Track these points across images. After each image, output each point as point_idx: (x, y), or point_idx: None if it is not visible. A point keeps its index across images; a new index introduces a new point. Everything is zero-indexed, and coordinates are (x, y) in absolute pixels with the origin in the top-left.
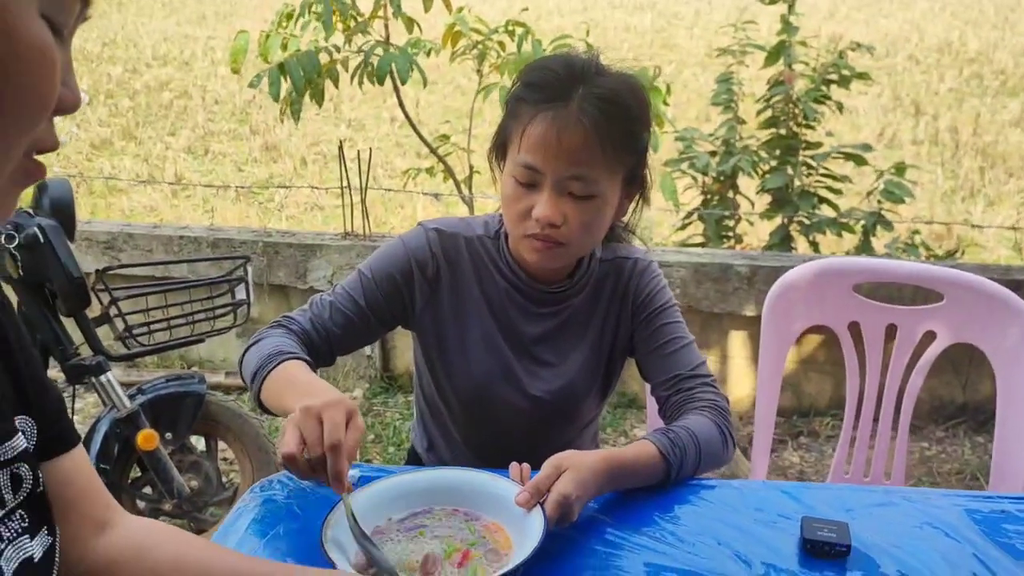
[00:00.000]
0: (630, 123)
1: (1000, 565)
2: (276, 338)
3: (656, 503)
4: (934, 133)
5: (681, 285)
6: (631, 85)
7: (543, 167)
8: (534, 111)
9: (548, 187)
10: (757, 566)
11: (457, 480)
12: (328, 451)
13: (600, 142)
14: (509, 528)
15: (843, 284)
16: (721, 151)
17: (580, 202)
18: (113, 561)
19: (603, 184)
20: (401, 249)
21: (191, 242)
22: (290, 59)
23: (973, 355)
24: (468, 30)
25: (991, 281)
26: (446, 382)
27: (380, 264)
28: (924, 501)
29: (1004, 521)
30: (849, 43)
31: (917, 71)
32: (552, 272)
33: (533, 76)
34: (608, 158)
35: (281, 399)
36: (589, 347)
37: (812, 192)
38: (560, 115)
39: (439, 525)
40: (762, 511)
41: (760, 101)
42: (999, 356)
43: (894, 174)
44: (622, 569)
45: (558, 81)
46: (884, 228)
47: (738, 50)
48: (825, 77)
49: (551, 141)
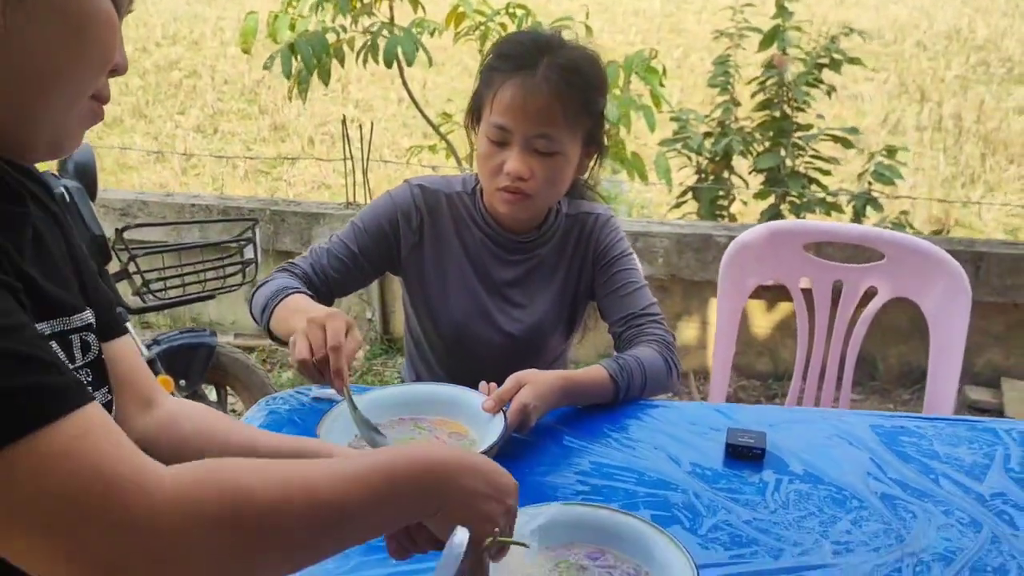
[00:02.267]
0: (588, 89)
1: (891, 466)
2: (281, 279)
3: (607, 418)
4: (938, 119)
5: (664, 255)
6: (589, 57)
7: (512, 127)
8: (504, 78)
9: (517, 145)
10: (686, 464)
11: (430, 393)
12: (330, 351)
13: (562, 105)
14: (474, 430)
15: (794, 244)
16: (716, 132)
17: (545, 158)
18: (153, 435)
19: (565, 142)
20: (389, 202)
21: (202, 210)
22: (300, 39)
23: None
24: (471, 11)
25: (925, 241)
26: (429, 322)
27: (371, 216)
28: (836, 419)
29: (901, 434)
30: (842, 28)
31: (924, 57)
32: (521, 222)
33: (504, 48)
34: (569, 119)
35: (287, 323)
36: (555, 290)
37: (803, 173)
38: (527, 82)
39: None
40: (696, 424)
41: (754, 83)
42: (930, 308)
43: (886, 156)
44: (573, 464)
45: (526, 52)
46: (874, 208)
47: (736, 33)
48: (817, 61)
49: (519, 104)
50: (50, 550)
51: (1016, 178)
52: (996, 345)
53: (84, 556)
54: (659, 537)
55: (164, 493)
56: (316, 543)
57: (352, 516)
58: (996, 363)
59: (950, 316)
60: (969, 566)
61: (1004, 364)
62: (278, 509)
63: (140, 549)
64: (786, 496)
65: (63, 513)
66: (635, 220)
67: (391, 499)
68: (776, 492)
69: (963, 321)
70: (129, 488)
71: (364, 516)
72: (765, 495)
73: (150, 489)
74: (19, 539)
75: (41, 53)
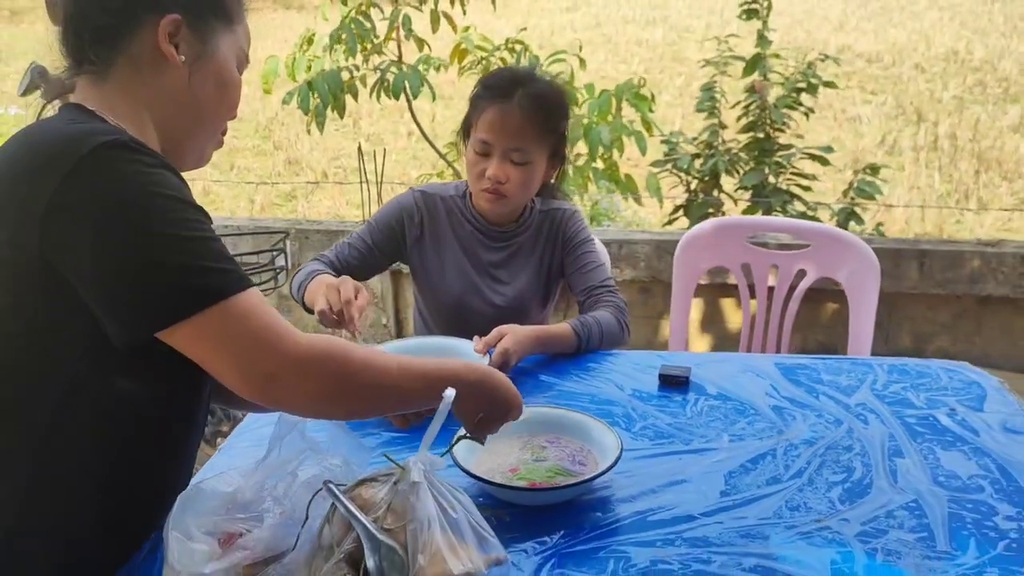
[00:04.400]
0: (552, 114)
1: (784, 388)
2: (311, 266)
3: (572, 363)
4: (934, 139)
5: (645, 259)
6: (556, 89)
7: (493, 141)
8: (487, 104)
9: (497, 156)
10: (628, 390)
11: (437, 342)
12: (344, 304)
13: (531, 125)
14: None
15: (737, 235)
16: (705, 153)
17: (518, 167)
18: None
19: (534, 154)
20: (397, 205)
21: (234, 229)
22: (317, 78)
23: (893, 311)
24: (473, 47)
25: (842, 230)
26: (432, 298)
27: (382, 216)
28: (750, 360)
29: (798, 368)
30: (818, 55)
31: (922, 80)
32: (501, 216)
33: (488, 81)
34: (537, 137)
35: (315, 294)
36: (532, 270)
37: (784, 189)
38: (505, 107)
39: None
40: (638, 365)
41: (738, 107)
42: (848, 284)
43: (869, 174)
44: (544, 392)
45: (505, 84)
46: (856, 222)
47: (721, 61)
48: (795, 86)
49: (498, 124)
50: (239, 365)
51: (1009, 194)
52: (944, 333)
53: (255, 370)
54: (597, 425)
55: (299, 344)
56: (385, 406)
57: (413, 401)
58: (945, 349)
59: (863, 289)
60: (826, 446)
61: (952, 350)
62: (370, 379)
63: (285, 368)
64: (701, 409)
65: (249, 346)
66: (619, 230)
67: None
68: (694, 406)
69: (874, 291)
70: (284, 336)
71: (422, 402)
72: (685, 408)
73: (295, 339)
74: (224, 358)
75: (204, 100)
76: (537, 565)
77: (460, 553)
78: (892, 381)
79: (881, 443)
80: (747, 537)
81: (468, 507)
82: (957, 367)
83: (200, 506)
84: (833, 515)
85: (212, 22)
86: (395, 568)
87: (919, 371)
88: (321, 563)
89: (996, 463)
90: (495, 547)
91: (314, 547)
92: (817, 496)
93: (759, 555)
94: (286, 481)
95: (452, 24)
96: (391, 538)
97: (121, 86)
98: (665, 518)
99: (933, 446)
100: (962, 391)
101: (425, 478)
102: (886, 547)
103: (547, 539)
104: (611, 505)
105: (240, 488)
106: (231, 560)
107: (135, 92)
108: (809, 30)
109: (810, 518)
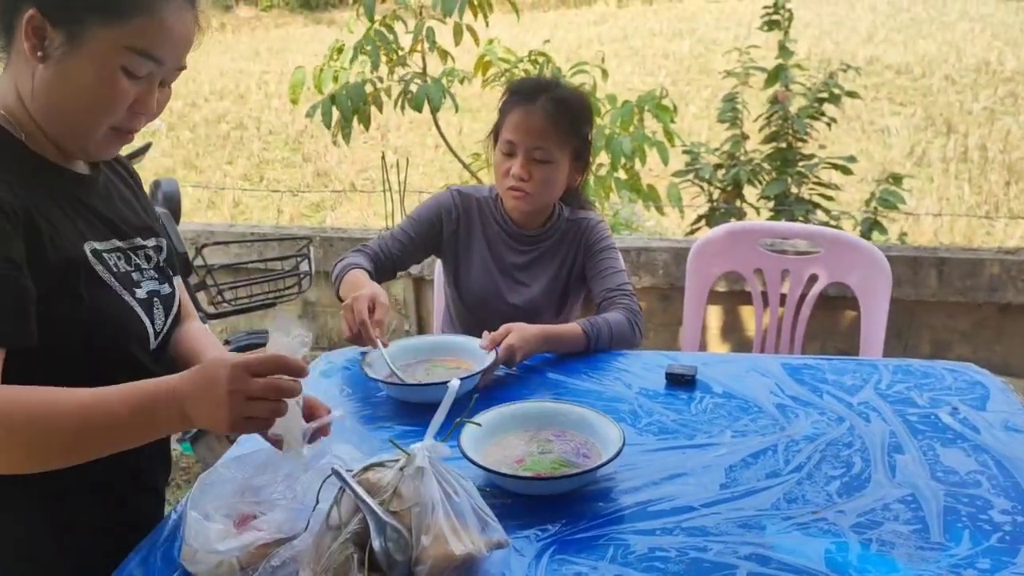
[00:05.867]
0: (574, 117)
1: (789, 387)
2: (353, 257)
3: (582, 362)
4: (963, 150)
5: (664, 266)
6: (578, 95)
7: (517, 142)
8: (513, 107)
9: (520, 155)
10: (635, 387)
11: (450, 340)
12: (360, 326)
13: (553, 126)
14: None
15: (749, 240)
16: (727, 163)
17: (541, 165)
18: (176, 338)
19: (556, 154)
20: (435, 203)
21: (260, 236)
22: (340, 91)
23: (913, 319)
24: (496, 59)
25: (853, 236)
26: (456, 293)
27: (423, 211)
28: (755, 360)
29: (803, 368)
30: (840, 65)
31: (952, 91)
32: (527, 216)
33: (515, 87)
34: (559, 138)
35: (346, 294)
36: (551, 275)
37: (807, 199)
38: (529, 109)
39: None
40: (647, 364)
41: (760, 119)
42: (859, 288)
43: (892, 183)
44: (552, 390)
45: (530, 90)
46: (879, 231)
47: (743, 72)
48: (817, 96)
49: (522, 125)
50: None
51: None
52: (964, 341)
53: None
54: (602, 420)
55: None
56: (72, 449)
57: (123, 431)
58: (965, 357)
59: (874, 292)
60: (826, 442)
61: (972, 358)
62: (41, 426)
63: None
64: (706, 406)
65: None
66: (636, 236)
67: (135, 423)
68: (699, 404)
69: (885, 295)
70: None
71: (138, 429)
72: (690, 406)
73: None
74: None
75: (75, 95)
76: (539, 551)
77: (462, 535)
78: (896, 381)
79: (882, 440)
80: (744, 527)
81: (471, 492)
82: (962, 367)
83: (218, 489)
84: (830, 507)
85: (85, 18)
86: (400, 548)
87: (924, 371)
88: (329, 542)
89: (995, 459)
90: (496, 531)
91: (323, 528)
92: (815, 489)
93: (755, 544)
94: (298, 469)
95: (475, 37)
96: (396, 520)
97: (11, 74)
98: (665, 509)
99: (933, 443)
100: (966, 391)
101: (430, 464)
102: (880, 538)
103: (549, 527)
104: (613, 496)
105: (254, 474)
106: (244, 540)
107: (21, 81)
108: (838, 42)
109: (807, 510)
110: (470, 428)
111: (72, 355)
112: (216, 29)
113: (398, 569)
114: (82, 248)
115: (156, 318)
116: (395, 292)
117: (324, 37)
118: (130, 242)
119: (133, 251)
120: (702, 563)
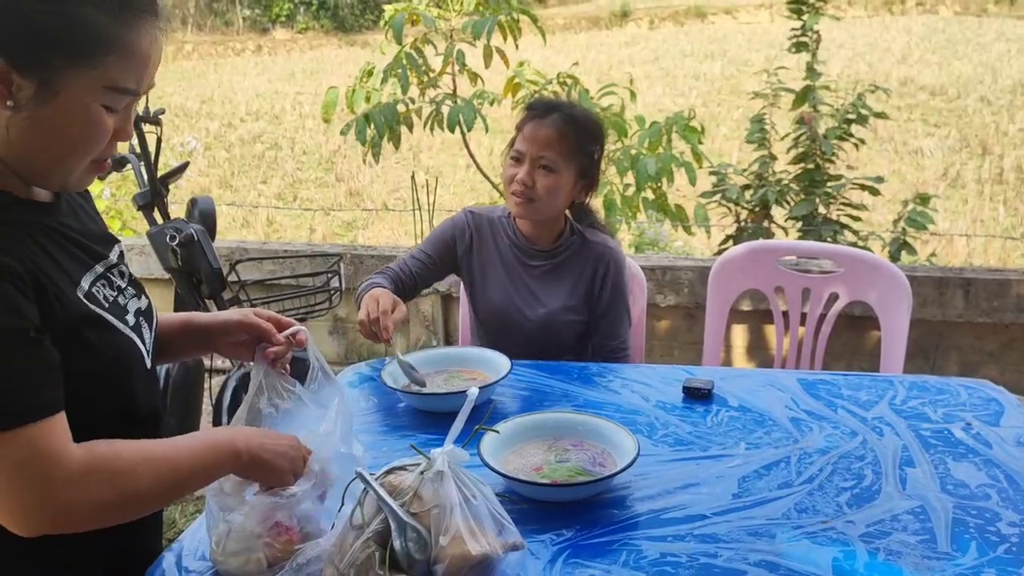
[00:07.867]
0: (582, 134)
1: (803, 402)
2: (375, 279)
3: (600, 375)
4: (999, 172)
5: (689, 285)
6: (588, 116)
7: (525, 151)
8: (527, 122)
9: (527, 162)
10: (653, 400)
11: (469, 352)
12: (381, 314)
13: (560, 139)
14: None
15: (770, 259)
16: (755, 184)
17: (545, 174)
18: None
19: (561, 167)
20: (451, 223)
21: (292, 253)
22: (374, 110)
23: (941, 340)
24: (526, 81)
25: (872, 254)
26: (476, 308)
27: (439, 232)
28: (772, 375)
29: (819, 384)
30: (869, 86)
31: (988, 112)
32: (533, 228)
33: (531, 104)
34: (565, 150)
35: (362, 306)
36: (567, 290)
37: (834, 220)
38: (541, 123)
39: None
40: (664, 378)
41: (788, 139)
42: (878, 306)
43: (919, 204)
44: (571, 401)
45: (544, 107)
46: (908, 252)
47: (771, 93)
48: (846, 117)
49: (531, 136)
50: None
51: None
52: (991, 362)
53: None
54: (619, 431)
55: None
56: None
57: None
58: (992, 378)
59: (893, 310)
60: (839, 455)
61: (1000, 380)
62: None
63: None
64: (721, 419)
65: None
66: (662, 255)
67: (212, 472)
68: (715, 417)
69: (905, 313)
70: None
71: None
72: (706, 419)
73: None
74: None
75: (53, 137)
76: (554, 554)
77: (479, 536)
78: (911, 396)
79: (894, 453)
80: (754, 535)
81: (489, 496)
82: (977, 384)
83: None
84: (839, 517)
85: (56, 63)
86: (419, 548)
87: (939, 387)
88: (352, 541)
89: (1005, 473)
90: (513, 533)
91: (346, 527)
92: (826, 500)
93: (764, 551)
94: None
95: (504, 59)
96: (416, 521)
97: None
98: (678, 516)
99: (945, 457)
100: (980, 407)
101: (449, 468)
102: (888, 547)
103: (565, 532)
104: (627, 503)
105: None
106: (264, 502)
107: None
108: (871, 63)
109: (817, 519)
110: (491, 437)
111: (87, 396)
112: (252, 52)
113: (417, 567)
114: (76, 295)
115: (145, 337)
116: (424, 308)
117: (358, 58)
118: (105, 263)
119: (109, 271)
120: (712, 568)
